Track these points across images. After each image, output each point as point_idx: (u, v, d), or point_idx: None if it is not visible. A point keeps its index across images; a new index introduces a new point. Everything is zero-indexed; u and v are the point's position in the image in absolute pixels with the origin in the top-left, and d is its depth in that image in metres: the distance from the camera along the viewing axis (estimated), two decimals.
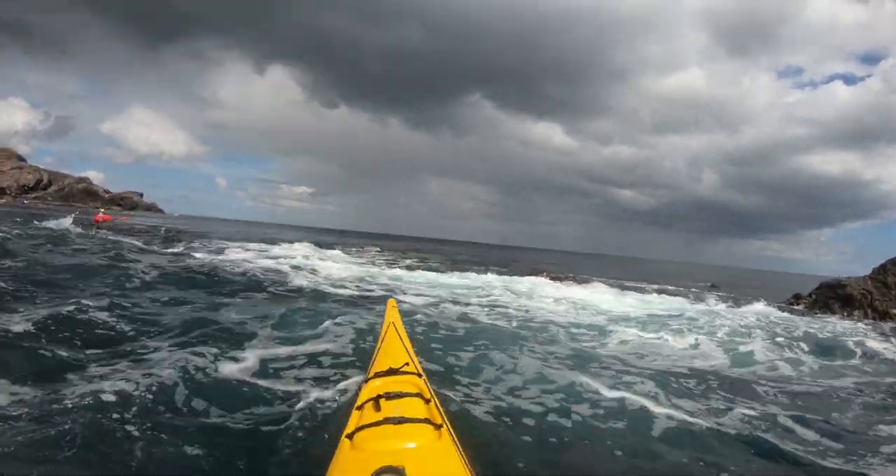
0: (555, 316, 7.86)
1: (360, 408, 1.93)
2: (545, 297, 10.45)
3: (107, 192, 58.10)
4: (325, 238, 31.09)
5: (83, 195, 50.68)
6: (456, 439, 1.72)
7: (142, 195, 63.40)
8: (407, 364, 2.22)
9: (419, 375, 2.17)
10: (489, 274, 14.59)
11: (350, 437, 1.69)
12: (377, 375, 2.16)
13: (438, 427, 1.74)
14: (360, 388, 2.16)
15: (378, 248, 24.90)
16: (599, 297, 11.22)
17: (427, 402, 1.93)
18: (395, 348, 2.50)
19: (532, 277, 14.83)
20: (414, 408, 1.86)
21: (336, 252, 17.77)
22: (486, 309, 7.90)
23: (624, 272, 27.85)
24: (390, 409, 1.83)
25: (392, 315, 2.94)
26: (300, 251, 15.50)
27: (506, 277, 13.98)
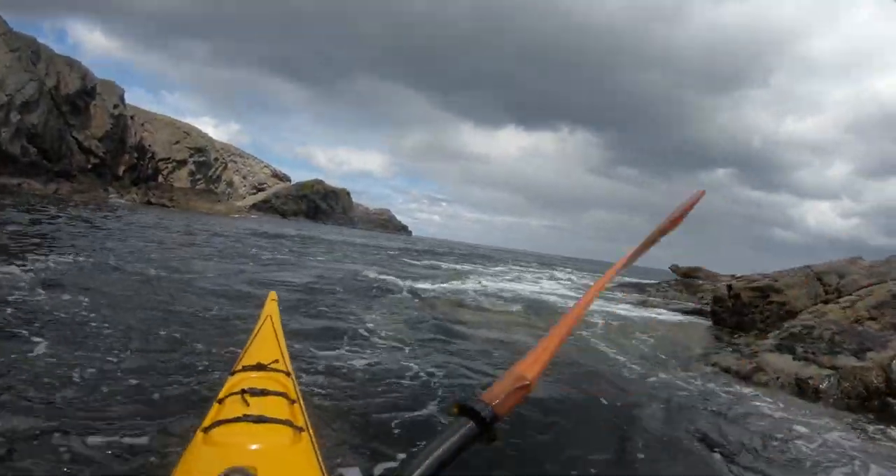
0: None
1: (220, 401, 1.83)
2: None
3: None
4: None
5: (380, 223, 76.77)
6: (316, 444, 1.64)
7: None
8: (277, 361, 2.13)
9: (288, 374, 2.08)
10: None
11: (206, 430, 1.61)
12: (244, 369, 2.06)
13: (299, 430, 1.65)
14: (224, 381, 2.05)
15: None
16: None
17: (292, 402, 1.86)
18: (267, 343, 2.38)
19: None
20: (277, 407, 1.77)
21: None
22: None
23: None
24: (252, 406, 1.74)
25: (271, 308, 2.78)
26: None
27: None
